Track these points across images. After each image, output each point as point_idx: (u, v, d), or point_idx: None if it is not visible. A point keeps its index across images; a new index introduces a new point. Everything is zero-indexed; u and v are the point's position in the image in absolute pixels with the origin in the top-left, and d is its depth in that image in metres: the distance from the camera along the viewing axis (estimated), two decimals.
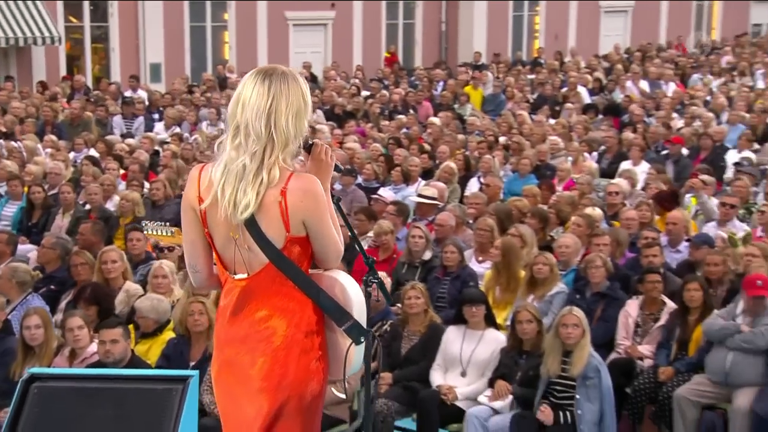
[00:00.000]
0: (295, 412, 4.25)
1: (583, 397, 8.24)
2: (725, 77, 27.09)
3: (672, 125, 19.68)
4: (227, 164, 4.13)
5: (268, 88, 4.14)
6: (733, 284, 10.05)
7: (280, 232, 4.15)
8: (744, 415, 8.78)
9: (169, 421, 5.45)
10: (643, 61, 29.22)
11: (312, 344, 4.27)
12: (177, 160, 16.79)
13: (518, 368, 8.73)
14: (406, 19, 33.71)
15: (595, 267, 10.03)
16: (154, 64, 30.33)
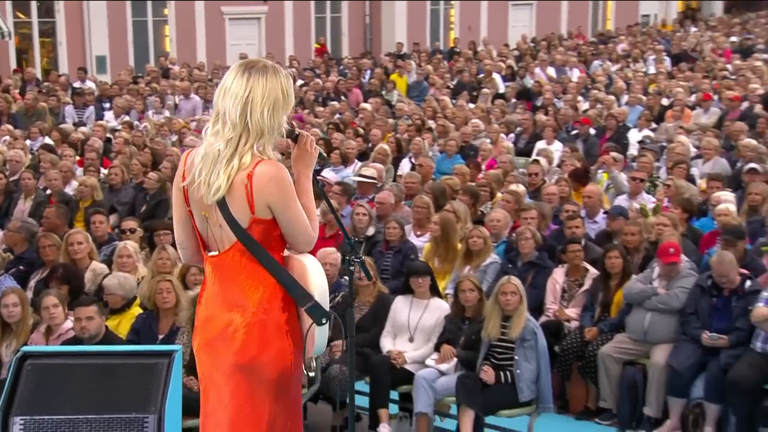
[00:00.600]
0: (267, 386, 4.20)
1: (522, 358, 8.22)
2: (621, 63, 27.44)
3: (578, 107, 19.88)
4: (206, 149, 4.11)
5: (247, 80, 4.08)
6: (647, 251, 10.14)
7: (246, 213, 4.10)
8: (661, 369, 8.90)
9: (157, 393, 5.36)
10: (548, 50, 29.51)
11: (280, 320, 4.20)
12: (130, 146, 16.50)
13: (461, 333, 8.69)
14: (333, 13, 33.66)
15: (525, 239, 10.07)
16: (99, 56, 29.96)
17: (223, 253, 4.22)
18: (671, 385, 8.88)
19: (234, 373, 4.19)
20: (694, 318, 9.00)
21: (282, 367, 4.21)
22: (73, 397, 5.42)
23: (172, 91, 23.09)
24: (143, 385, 5.42)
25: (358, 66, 26.73)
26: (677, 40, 32.16)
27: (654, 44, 30.74)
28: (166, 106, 22.01)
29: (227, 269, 4.23)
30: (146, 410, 5.37)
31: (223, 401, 4.25)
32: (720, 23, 37.68)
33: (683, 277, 9.21)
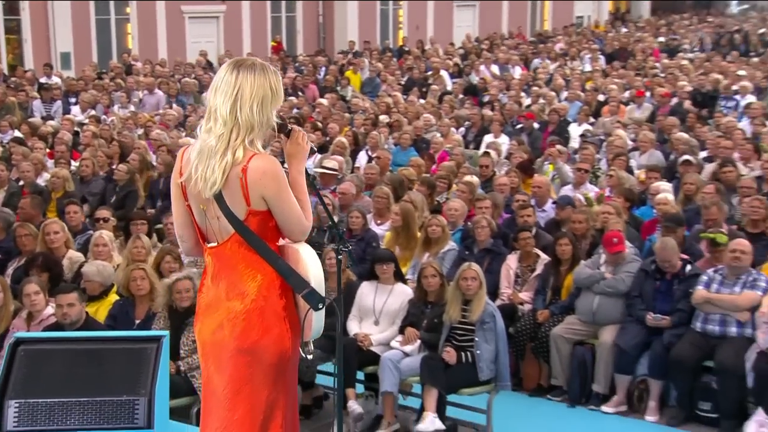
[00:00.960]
0: (266, 367, 4.16)
1: (481, 339, 8.24)
2: (559, 61, 27.58)
3: (522, 103, 19.94)
4: (201, 145, 4.07)
5: (236, 77, 4.04)
6: (594, 238, 10.21)
7: (242, 205, 4.06)
8: (608, 348, 8.99)
9: (147, 376, 5.43)
10: (491, 49, 29.53)
11: (278, 306, 4.16)
12: (98, 139, 16.34)
13: (424, 316, 8.68)
14: (288, 12, 33.43)
15: (481, 227, 10.09)
16: (64, 53, 29.57)
17: (222, 244, 4.18)
18: (618, 363, 8.98)
19: (235, 357, 4.14)
20: (638, 300, 9.10)
21: (281, 350, 4.18)
22: (65, 381, 5.43)
23: (136, 87, 22.82)
24: (133, 369, 5.43)
25: (314, 63, 26.55)
26: (610, 39, 32.41)
27: (589, 44, 30.95)
28: (131, 101, 21.75)
29: (226, 259, 4.18)
30: (136, 393, 5.39)
31: (224, 384, 4.18)
32: (648, 24, 38.06)
33: (628, 263, 9.30)
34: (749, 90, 20.55)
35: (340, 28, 31.71)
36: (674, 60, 26.75)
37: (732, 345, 8.54)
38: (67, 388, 5.40)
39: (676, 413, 8.80)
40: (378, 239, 10.73)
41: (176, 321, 8.13)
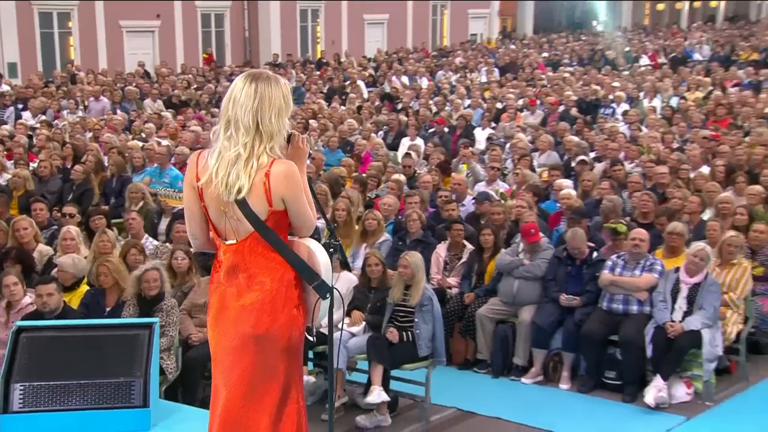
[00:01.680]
0: (280, 353, 4.06)
1: (420, 320, 8.21)
2: (460, 73, 27.69)
3: (431, 109, 20.00)
4: (221, 151, 3.94)
5: (255, 90, 3.91)
6: (510, 229, 10.29)
7: (264, 206, 3.94)
8: (527, 326, 9.07)
9: (141, 359, 5.34)
10: (400, 61, 29.52)
11: (292, 295, 4.07)
12: (52, 142, 15.94)
13: (368, 300, 8.65)
14: (218, 28, 33.04)
15: (412, 220, 10.10)
16: (11, 63, 28.74)
17: (241, 241, 4.05)
18: (535, 338, 9.06)
19: (252, 342, 4.04)
20: (553, 283, 9.20)
21: (295, 334, 4.11)
22: (65, 365, 5.30)
23: (81, 94, 22.34)
24: (128, 353, 5.34)
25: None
26: (501, 54, 32.71)
27: (485, 58, 31.16)
28: (79, 108, 21.29)
29: (246, 255, 4.06)
30: (133, 375, 5.29)
31: (242, 367, 4.08)
32: (532, 41, 38.54)
33: (543, 251, 9.39)
34: (623, 99, 21.05)
35: (264, 42, 31.41)
36: (557, 73, 27.11)
37: (633, 321, 8.70)
38: (68, 371, 5.27)
39: (585, 381, 8.88)
40: (320, 232, 10.60)
41: (145, 308, 7.95)
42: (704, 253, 8.74)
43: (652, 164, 13.00)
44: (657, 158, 13.60)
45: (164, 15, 31.54)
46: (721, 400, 8.57)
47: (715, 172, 12.51)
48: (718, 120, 18.09)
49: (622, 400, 8.53)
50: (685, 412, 8.27)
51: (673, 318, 8.54)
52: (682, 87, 23.74)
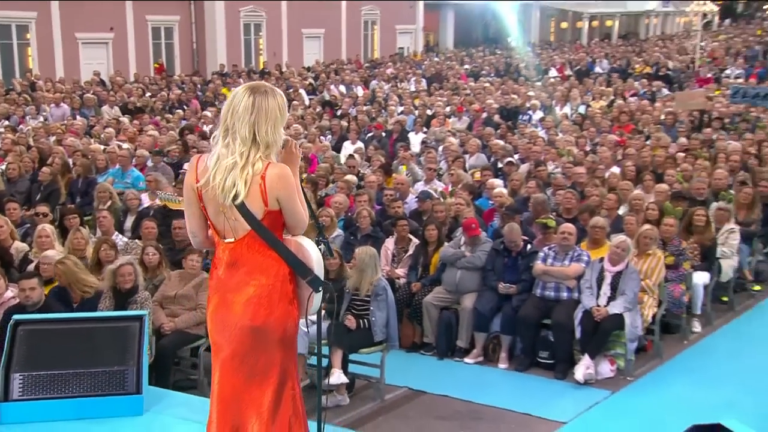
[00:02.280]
0: (276, 343, 3.96)
1: (376, 308, 8.15)
2: (391, 83, 27.64)
3: (369, 115, 19.91)
4: (219, 157, 3.83)
5: (253, 103, 3.80)
6: (450, 224, 10.28)
7: (261, 206, 3.83)
8: (469, 312, 9.11)
9: (133, 349, 5.24)
10: (336, 72, 29.36)
11: (287, 290, 3.97)
12: (18, 146, 15.48)
13: None
14: (167, 40, 32.34)
15: (362, 217, 10.08)
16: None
17: (239, 240, 3.93)
18: (476, 323, 9.08)
19: (251, 333, 3.93)
20: (491, 273, 9.23)
21: (290, 326, 4.01)
22: (62, 356, 5.19)
23: (43, 101, 21.76)
24: (120, 343, 5.22)
25: (193, 82, 25.65)
26: (427, 66, 32.79)
27: (413, 69, 31.18)
28: (41, 113, 20.71)
29: (243, 252, 3.94)
30: (126, 363, 5.17)
31: (242, 356, 3.97)
32: (454, 54, 38.70)
33: (483, 243, 9.41)
34: (538, 107, 21.27)
35: (211, 53, 30.92)
36: (478, 83, 27.26)
37: (564, 306, 8.78)
38: (65, 361, 5.15)
39: (522, 361, 8.94)
40: None
41: (120, 300, 7.76)
42: (626, 245, 8.87)
43: (570, 165, 13.16)
44: (574, 160, 13.76)
45: (117, 28, 30.87)
46: (640, 375, 8.69)
47: (626, 172, 12.70)
48: (622, 125, 18.42)
49: (554, 377, 8.61)
50: (609, 387, 8.37)
51: (599, 303, 8.64)
52: (587, 96, 24.09)
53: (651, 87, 26.81)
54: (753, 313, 10.69)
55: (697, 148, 14.93)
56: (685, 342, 9.61)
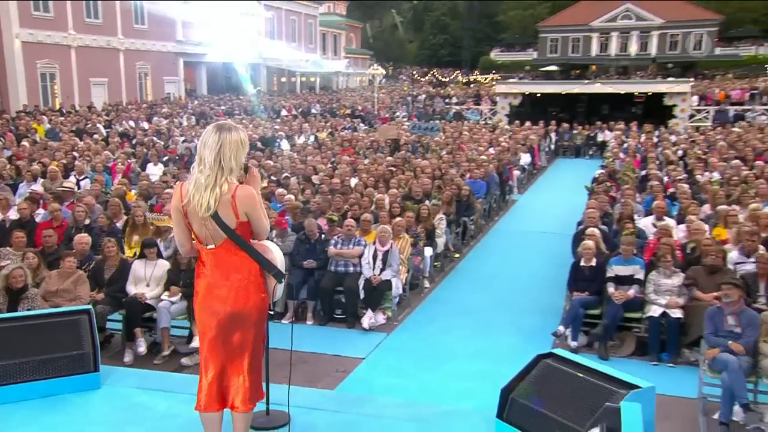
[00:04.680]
0: (251, 320, 3.72)
1: None
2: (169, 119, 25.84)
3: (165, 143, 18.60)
4: (196, 181, 3.56)
5: (218, 137, 3.55)
6: None
7: (233, 219, 3.58)
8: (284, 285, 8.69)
9: (87, 336, 4.69)
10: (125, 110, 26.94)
11: (259, 282, 3.72)
12: None
13: (180, 279, 7.79)
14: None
15: None
16: None
17: (219, 246, 3.64)
18: (288, 293, 8.78)
19: (234, 316, 3.68)
20: (298, 256, 9.00)
21: (261, 310, 3.76)
22: (25, 346, 4.50)
23: None
24: (75, 332, 4.58)
25: (4, 118, 22.20)
26: (194, 107, 31.25)
27: (183, 109, 29.55)
28: None
29: (222, 256, 3.66)
30: (83, 348, 4.50)
31: (227, 332, 3.71)
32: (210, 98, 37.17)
33: (290, 235, 9.19)
34: (283, 136, 21.27)
35: (13, 95, 26.99)
36: (233, 118, 26.48)
37: (352, 277, 8.80)
38: (28, 351, 4.45)
39: (322, 318, 8.82)
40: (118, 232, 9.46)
41: (13, 297, 6.70)
42: (387, 231, 9.08)
43: (327, 177, 13.19)
44: (328, 173, 13.80)
45: None
46: (402, 320, 8.91)
47: (365, 182, 12.98)
48: (345, 149, 18.85)
49: (347, 327, 8.61)
50: (385, 330, 8.52)
51: (375, 273, 8.76)
52: (314, 129, 24.40)
53: (353, 123, 27.75)
54: (455, 271, 11.27)
55: (400, 165, 15.62)
56: (421, 294, 9.94)
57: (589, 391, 3.49)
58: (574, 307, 7.70)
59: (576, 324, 7.70)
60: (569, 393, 3.59)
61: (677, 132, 23.21)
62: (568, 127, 25.78)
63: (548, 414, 3.53)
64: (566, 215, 14.78)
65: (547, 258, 11.73)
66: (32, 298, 6.67)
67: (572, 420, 3.49)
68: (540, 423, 3.57)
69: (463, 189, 12.60)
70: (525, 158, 19.43)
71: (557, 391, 3.66)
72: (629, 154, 17.42)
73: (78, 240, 7.86)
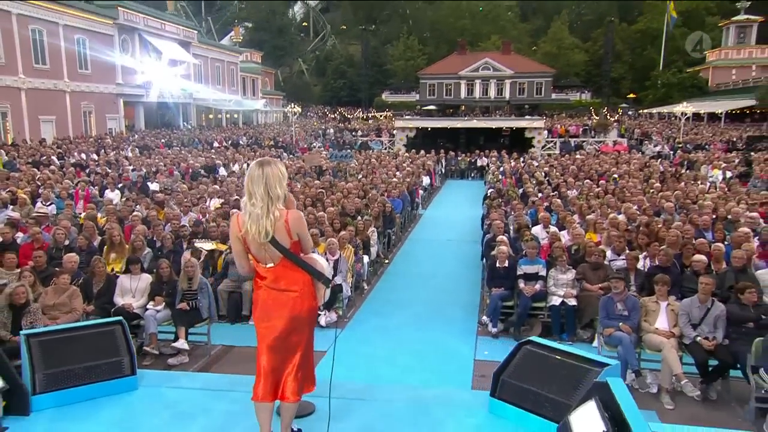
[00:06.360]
0: (305, 324, 3.65)
1: (201, 297, 7.30)
2: (115, 151, 24.21)
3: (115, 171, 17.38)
4: (250, 213, 3.47)
5: (263, 171, 3.48)
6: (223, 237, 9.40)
7: (287, 240, 3.52)
8: (250, 291, 8.37)
9: (123, 344, 4.39)
10: (74, 143, 24.92)
11: (311, 291, 3.64)
12: None
13: (163, 289, 7.35)
14: None
15: (166, 238, 8.76)
16: None
17: (277, 265, 3.55)
18: None
19: (293, 320, 3.58)
20: None
21: (313, 314, 3.68)
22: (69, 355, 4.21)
23: None
24: (112, 341, 4.26)
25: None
26: (137, 140, 29.43)
27: (126, 142, 27.78)
28: None
29: (280, 272, 3.56)
30: (121, 355, 4.17)
31: (287, 334, 3.60)
32: (149, 132, 35.27)
33: None
34: (221, 165, 20.39)
35: None
36: (173, 150, 25.22)
37: None
38: (73, 359, 4.16)
39: None
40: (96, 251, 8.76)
41: (17, 312, 6.07)
42: (335, 243, 8.90)
43: None
44: None
45: None
46: (351, 317, 8.70)
47: (303, 202, 12.67)
48: None
49: None
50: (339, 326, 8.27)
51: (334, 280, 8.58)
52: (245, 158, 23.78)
53: (277, 152, 27.24)
54: (387, 274, 11.24)
55: (328, 187, 15.49)
56: (362, 295, 9.80)
57: (569, 370, 3.57)
58: (494, 300, 7.93)
59: (495, 314, 7.93)
60: (550, 372, 3.66)
61: (536, 158, 24.57)
62: (453, 154, 26.62)
63: (536, 390, 3.61)
64: (464, 225, 15.28)
65: (455, 260, 12.01)
66: (34, 313, 6.04)
67: (558, 394, 3.55)
68: (530, 398, 3.63)
69: (387, 206, 12.69)
70: (425, 180, 19.85)
71: (540, 372, 3.71)
72: (507, 175, 18.22)
73: (67, 259, 7.23)
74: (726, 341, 6.07)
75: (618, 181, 15.63)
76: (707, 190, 14.06)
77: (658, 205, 11.67)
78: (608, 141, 29.80)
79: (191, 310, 7.23)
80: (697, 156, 23.47)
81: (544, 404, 3.54)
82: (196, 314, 7.25)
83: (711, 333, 6.10)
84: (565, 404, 3.37)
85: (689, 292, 6.79)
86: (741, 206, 11.13)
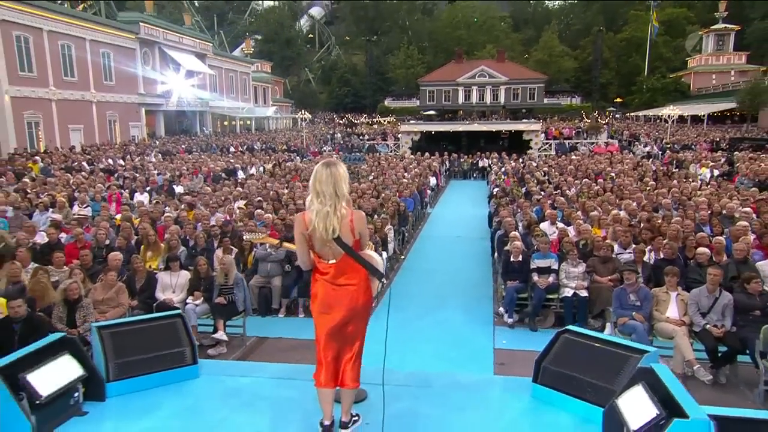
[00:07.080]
0: (362, 315, 3.61)
1: (237, 291, 7.27)
2: (140, 157, 24.19)
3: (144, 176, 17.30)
4: (317, 211, 3.42)
5: (330, 172, 3.42)
6: None
7: (351, 238, 3.48)
8: (278, 287, 8.33)
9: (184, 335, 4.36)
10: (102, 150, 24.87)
11: (368, 285, 3.60)
12: None
13: (200, 284, 7.32)
14: None
15: (199, 237, 8.70)
16: None
17: (339, 261, 3.50)
18: (282, 293, 8.34)
19: (352, 311, 3.54)
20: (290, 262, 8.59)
21: (369, 306, 3.64)
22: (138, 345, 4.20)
23: None
24: (174, 333, 4.30)
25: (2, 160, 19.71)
26: (159, 145, 29.41)
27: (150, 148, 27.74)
28: None
29: (341, 267, 3.52)
30: (183, 345, 4.20)
31: (345, 324, 3.57)
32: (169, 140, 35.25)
33: None
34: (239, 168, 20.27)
35: (3, 140, 24.26)
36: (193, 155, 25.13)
37: None
38: (142, 348, 4.15)
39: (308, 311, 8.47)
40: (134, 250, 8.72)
41: (71, 306, 6.07)
42: None
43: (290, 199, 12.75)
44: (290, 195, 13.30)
45: None
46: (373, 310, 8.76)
47: None
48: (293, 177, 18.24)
49: None
50: None
51: None
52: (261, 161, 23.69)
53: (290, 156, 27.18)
54: (403, 269, 11.12)
55: None
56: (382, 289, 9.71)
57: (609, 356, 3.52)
58: (510, 293, 7.89)
59: (511, 305, 7.89)
60: (590, 358, 3.60)
61: (534, 159, 24.49)
62: (456, 156, 26.56)
63: (578, 376, 3.57)
64: (470, 222, 15.23)
65: (466, 255, 11.95)
66: (86, 307, 6.04)
67: (599, 380, 3.49)
68: (572, 384, 3.58)
69: (401, 205, 12.66)
70: (432, 180, 19.81)
71: (580, 358, 3.66)
72: (509, 175, 18.15)
73: (112, 257, 7.21)
74: (734, 328, 6.03)
75: (615, 180, 15.57)
76: (699, 187, 14.00)
77: (655, 201, 11.62)
78: (600, 142, 29.74)
79: (228, 304, 7.20)
80: (686, 155, 23.41)
81: (587, 389, 3.49)
82: (232, 308, 7.22)
83: (719, 321, 6.06)
84: (607, 389, 3.33)
85: (693, 283, 6.74)
86: (734, 202, 11.07)
